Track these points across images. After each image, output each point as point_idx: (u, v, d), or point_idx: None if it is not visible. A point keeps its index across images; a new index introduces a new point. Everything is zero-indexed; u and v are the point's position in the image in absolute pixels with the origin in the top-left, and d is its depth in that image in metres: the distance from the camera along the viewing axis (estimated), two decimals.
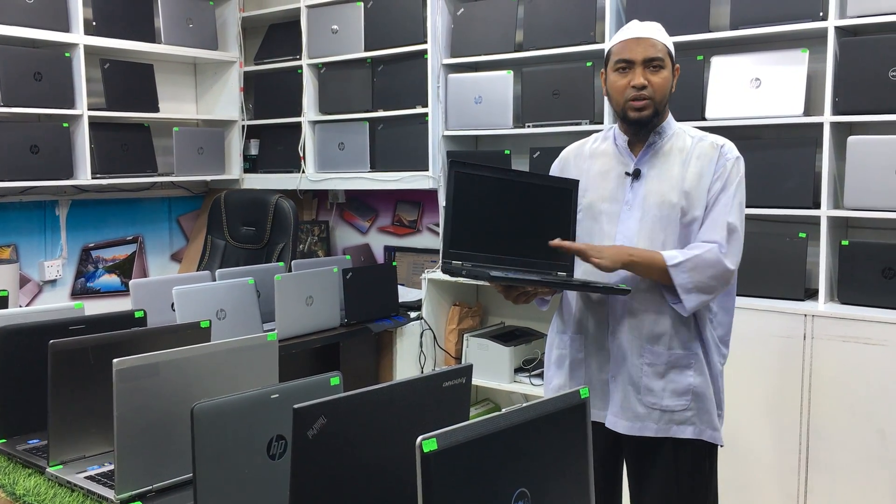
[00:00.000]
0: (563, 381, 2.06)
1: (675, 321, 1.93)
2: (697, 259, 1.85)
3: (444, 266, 1.87)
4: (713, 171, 1.93)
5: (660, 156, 1.97)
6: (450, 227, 1.88)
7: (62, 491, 1.61)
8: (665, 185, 1.94)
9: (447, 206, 1.88)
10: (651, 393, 1.93)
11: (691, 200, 1.92)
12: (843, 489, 2.66)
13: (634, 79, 1.90)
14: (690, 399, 1.93)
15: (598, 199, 2.01)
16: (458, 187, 1.88)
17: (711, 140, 1.98)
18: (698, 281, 1.86)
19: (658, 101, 1.92)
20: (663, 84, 1.92)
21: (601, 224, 1.99)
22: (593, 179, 2.03)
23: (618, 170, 2.00)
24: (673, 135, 1.99)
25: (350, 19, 4.01)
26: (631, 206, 1.96)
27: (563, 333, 2.09)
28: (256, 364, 1.71)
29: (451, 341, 3.75)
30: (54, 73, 3.58)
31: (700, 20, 3.06)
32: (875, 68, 2.69)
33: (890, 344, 2.58)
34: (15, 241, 3.82)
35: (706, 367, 1.95)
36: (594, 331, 2.00)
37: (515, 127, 3.58)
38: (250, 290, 2.95)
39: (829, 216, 2.82)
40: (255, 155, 4.57)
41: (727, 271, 1.88)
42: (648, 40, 1.91)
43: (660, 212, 1.93)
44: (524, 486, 1.10)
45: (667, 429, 1.93)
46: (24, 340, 1.84)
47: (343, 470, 1.23)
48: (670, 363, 1.93)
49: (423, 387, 1.35)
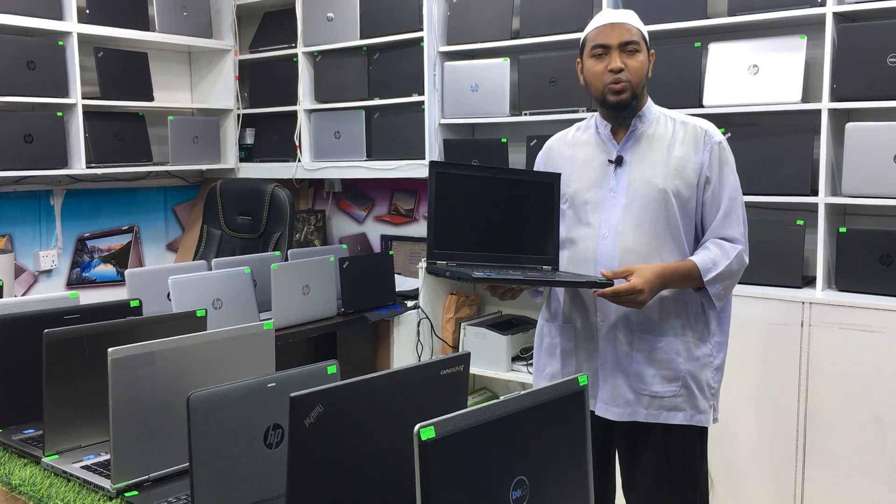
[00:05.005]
0: (555, 370, 2.08)
1: (665, 309, 1.95)
2: (728, 269, 1.91)
3: (429, 267, 1.89)
4: (699, 156, 1.94)
5: (642, 141, 1.98)
6: (433, 227, 1.89)
7: (58, 481, 1.61)
8: (649, 170, 1.95)
9: (430, 206, 1.89)
10: (641, 379, 1.95)
11: (677, 185, 1.93)
12: (841, 476, 2.67)
13: (611, 63, 1.92)
14: (680, 385, 1.94)
15: (583, 188, 2.01)
16: (440, 187, 1.90)
17: (694, 123, 1.99)
18: (728, 286, 1.95)
19: (635, 84, 1.93)
20: (640, 67, 1.94)
21: (586, 213, 2.00)
22: (577, 169, 2.04)
23: (601, 158, 2.01)
24: (654, 119, 2.00)
25: (345, 7, 3.98)
26: (615, 193, 1.97)
27: (552, 322, 2.10)
28: (253, 353, 1.71)
29: (448, 330, 3.75)
30: (48, 61, 3.55)
31: (698, 6, 3.04)
32: (873, 55, 2.68)
33: (887, 331, 2.58)
34: (10, 231, 3.80)
35: (697, 354, 1.97)
36: (584, 319, 2.01)
37: (512, 115, 3.57)
38: (247, 279, 2.94)
39: (827, 203, 2.81)
40: (251, 144, 4.55)
41: (746, 266, 1.97)
42: (623, 25, 1.93)
43: (645, 198, 1.93)
44: (522, 474, 1.10)
45: (657, 414, 1.95)
46: (18, 330, 1.83)
47: (340, 458, 1.22)
48: (661, 350, 1.94)
49: (420, 375, 1.35)
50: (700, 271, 1.89)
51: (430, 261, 1.89)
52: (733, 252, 1.92)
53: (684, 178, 1.93)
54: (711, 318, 2.00)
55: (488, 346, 3.49)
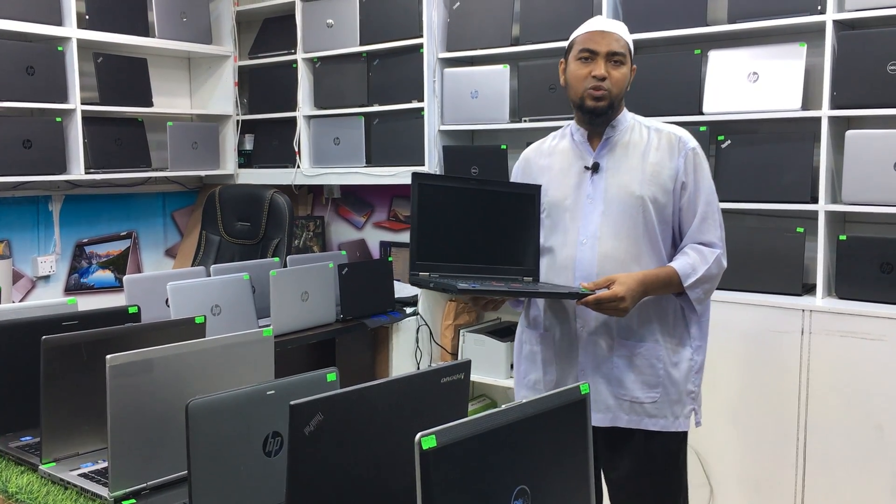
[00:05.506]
0: (537, 377, 2.09)
1: (645, 315, 1.96)
2: (708, 273, 1.93)
3: (412, 278, 1.90)
4: (674, 162, 1.96)
5: (617, 148, 2.00)
6: (416, 238, 1.90)
7: (55, 489, 1.60)
8: (626, 176, 1.97)
9: (412, 218, 1.90)
10: (622, 385, 1.96)
11: (654, 192, 1.95)
12: (841, 484, 2.66)
13: (596, 69, 1.94)
14: (661, 391, 1.96)
15: (561, 196, 2.03)
16: (422, 199, 1.91)
17: (668, 130, 2.01)
18: (708, 290, 1.97)
19: (615, 95, 1.96)
20: (622, 79, 1.97)
21: (564, 220, 2.01)
22: (555, 177, 2.06)
23: (577, 165, 2.03)
24: (629, 127, 2.02)
25: (345, 13, 3.98)
26: (593, 199, 1.99)
27: (533, 329, 2.11)
28: (252, 360, 1.70)
29: (448, 337, 3.74)
30: (47, 67, 3.54)
31: (698, 14, 3.04)
32: (873, 62, 2.68)
33: (888, 339, 2.57)
34: (7, 236, 3.79)
35: (678, 359, 1.98)
36: (565, 326, 2.02)
37: (512, 121, 3.56)
38: (245, 285, 2.93)
39: (827, 211, 2.81)
40: (250, 150, 4.55)
41: (724, 269, 1.99)
42: (613, 35, 1.96)
43: (623, 204, 1.95)
44: (524, 483, 1.09)
45: (638, 420, 1.97)
46: (16, 336, 1.82)
47: (340, 467, 1.22)
48: (641, 355, 1.96)
49: (421, 383, 1.34)
50: (680, 277, 1.92)
51: (413, 272, 1.90)
52: (712, 256, 1.95)
53: (660, 184, 1.96)
54: (691, 321, 2.02)
55: (487, 352, 3.48)
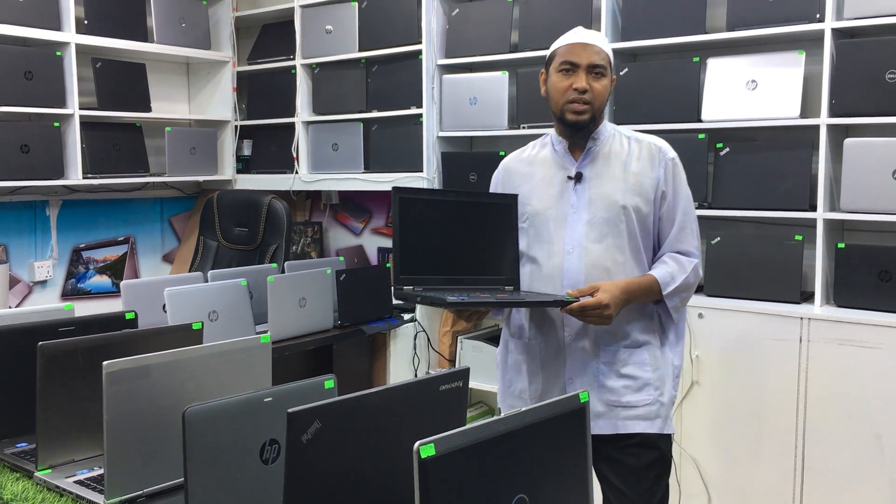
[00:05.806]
0: (523, 386, 2.09)
1: (629, 320, 1.98)
2: (685, 282, 1.97)
3: (397, 293, 1.90)
4: (655, 172, 1.98)
5: (599, 159, 2.01)
6: (399, 252, 1.91)
7: (51, 495, 1.59)
8: (609, 186, 1.98)
9: (394, 232, 1.91)
10: (610, 391, 1.97)
11: (636, 201, 1.97)
12: (839, 492, 2.65)
13: (577, 82, 1.95)
14: (648, 395, 1.97)
15: (544, 206, 2.03)
16: (404, 213, 1.92)
17: (648, 141, 2.03)
18: (685, 298, 2.01)
19: (596, 107, 1.97)
20: (603, 91, 1.98)
21: (549, 230, 2.01)
22: (537, 187, 2.06)
23: (560, 175, 2.04)
24: (609, 138, 2.04)
25: (344, 19, 3.99)
26: (577, 209, 1.99)
27: (518, 338, 2.11)
28: (249, 367, 1.69)
29: (445, 343, 3.73)
30: (45, 72, 3.54)
31: (696, 21, 3.05)
32: (872, 70, 2.68)
33: (886, 347, 2.57)
34: (4, 241, 3.78)
35: (662, 363, 2.01)
36: (550, 334, 2.02)
37: (510, 128, 3.57)
38: (243, 291, 2.93)
39: (826, 219, 2.81)
40: (248, 155, 4.54)
41: (701, 278, 2.04)
42: (594, 47, 1.97)
43: (607, 213, 1.97)
44: (523, 492, 1.08)
45: (625, 425, 1.97)
46: (12, 342, 1.82)
47: (338, 475, 1.21)
48: (627, 361, 1.98)
49: (419, 390, 1.33)
50: (660, 285, 1.94)
51: (397, 287, 1.90)
52: (689, 265, 1.98)
53: (642, 193, 1.97)
54: (669, 328, 2.04)
55: (485, 359, 3.47)
